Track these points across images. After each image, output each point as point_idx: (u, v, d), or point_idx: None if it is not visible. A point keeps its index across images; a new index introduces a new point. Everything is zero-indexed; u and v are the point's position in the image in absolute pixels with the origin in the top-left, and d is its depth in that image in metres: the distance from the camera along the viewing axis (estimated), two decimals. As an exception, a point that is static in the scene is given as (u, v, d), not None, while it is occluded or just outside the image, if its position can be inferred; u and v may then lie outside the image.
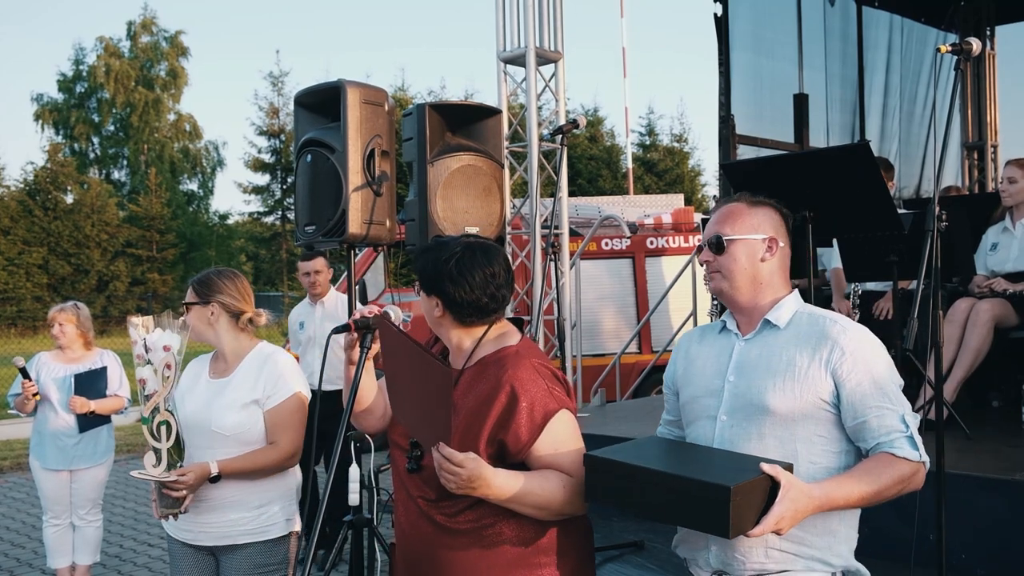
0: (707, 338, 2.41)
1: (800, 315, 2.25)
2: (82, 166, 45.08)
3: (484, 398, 2.25)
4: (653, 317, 9.21)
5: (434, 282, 2.34)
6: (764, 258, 2.27)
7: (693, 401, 2.34)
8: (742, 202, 2.34)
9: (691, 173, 34.49)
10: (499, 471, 2.17)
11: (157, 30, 49.46)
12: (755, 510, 1.94)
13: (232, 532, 3.10)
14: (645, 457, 2.16)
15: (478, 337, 2.36)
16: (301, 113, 4.60)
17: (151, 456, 2.94)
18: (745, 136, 7.01)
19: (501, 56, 6.89)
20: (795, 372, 2.15)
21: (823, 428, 2.15)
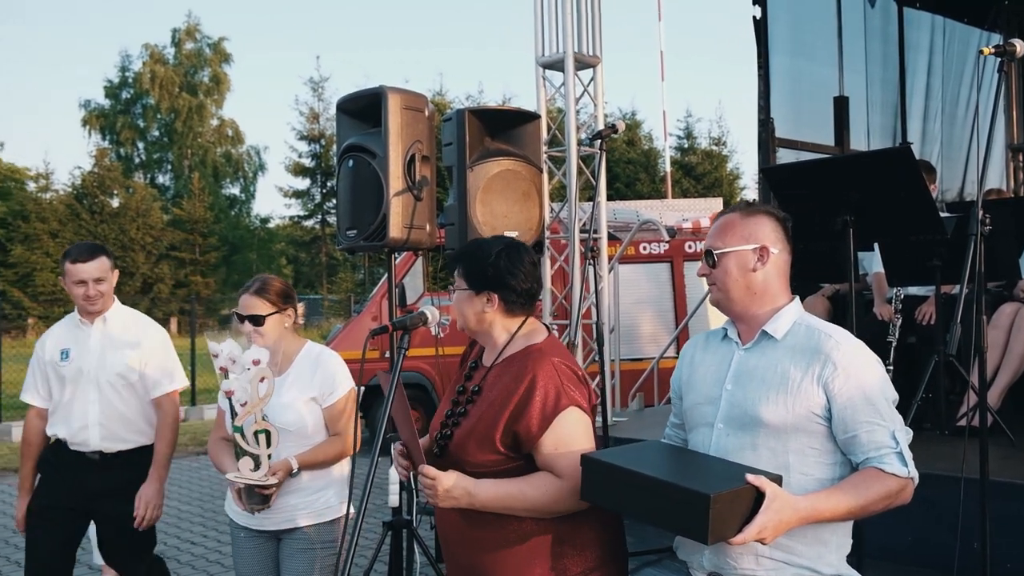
0: (710, 345, 2.44)
1: (798, 326, 2.27)
2: (128, 171, 45.84)
3: (505, 391, 2.37)
4: (691, 321, 9.17)
5: (488, 278, 2.46)
6: (755, 268, 2.29)
7: (693, 408, 2.38)
8: (736, 212, 2.37)
9: (729, 176, 34.23)
10: (482, 481, 2.32)
11: (201, 37, 50.26)
12: (738, 518, 1.97)
13: (294, 515, 3.35)
14: (640, 461, 2.22)
15: (512, 331, 2.49)
16: (343, 119, 4.66)
17: (248, 461, 3.14)
18: (784, 139, 6.96)
19: (540, 61, 6.91)
20: (788, 385, 2.18)
21: (816, 441, 2.17)
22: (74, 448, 3.95)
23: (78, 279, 3.89)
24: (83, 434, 3.93)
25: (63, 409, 3.97)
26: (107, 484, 3.92)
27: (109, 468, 3.94)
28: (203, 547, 6.56)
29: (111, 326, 4.03)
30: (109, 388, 3.95)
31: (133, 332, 4.07)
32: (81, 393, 3.93)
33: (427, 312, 2.73)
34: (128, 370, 3.97)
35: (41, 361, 4.04)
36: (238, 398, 3.09)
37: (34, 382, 4.06)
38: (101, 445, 3.93)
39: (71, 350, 3.98)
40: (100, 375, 3.94)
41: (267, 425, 3.14)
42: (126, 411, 3.98)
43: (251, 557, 3.43)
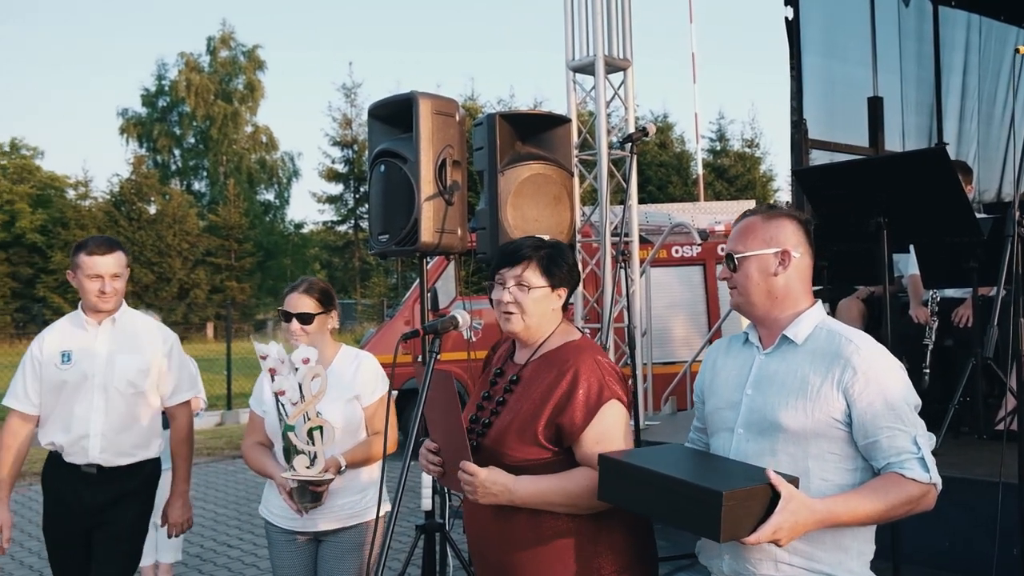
0: (732, 350, 2.43)
1: (819, 331, 2.25)
2: (164, 178, 46.48)
3: (548, 386, 2.39)
4: (724, 324, 9.11)
5: (566, 276, 2.52)
6: (776, 272, 2.26)
7: (715, 412, 2.37)
8: (757, 215, 2.34)
9: (763, 179, 34.01)
10: (521, 478, 2.34)
11: (235, 45, 50.85)
12: (752, 518, 1.96)
13: (340, 515, 3.39)
14: (657, 461, 2.21)
15: (552, 329, 2.52)
16: (375, 124, 4.69)
17: (303, 459, 3.17)
18: (818, 141, 6.90)
19: (570, 65, 6.92)
20: (808, 391, 2.16)
21: (836, 446, 2.15)
22: (69, 460, 3.63)
23: (94, 273, 3.59)
24: (82, 443, 3.61)
25: (61, 416, 3.64)
26: (105, 497, 3.64)
27: (108, 482, 3.65)
28: (239, 550, 6.62)
29: (121, 328, 3.73)
30: (117, 395, 3.65)
31: (145, 335, 3.78)
32: (84, 399, 3.61)
33: (458, 316, 2.74)
34: (140, 376, 3.69)
35: (36, 362, 3.66)
36: (289, 398, 3.13)
37: (23, 386, 3.66)
38: (100, 458, 3.62)
39: (73, 352, 3.64)
40: (108, 381, 3.63)
41: (321, 421, 3.18)
42: (133, 422, 3.68)
43: (292, 560, 3.45)
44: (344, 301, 37.91)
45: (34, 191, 41.35)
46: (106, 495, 3.65)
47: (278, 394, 3.15)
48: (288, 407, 3.14)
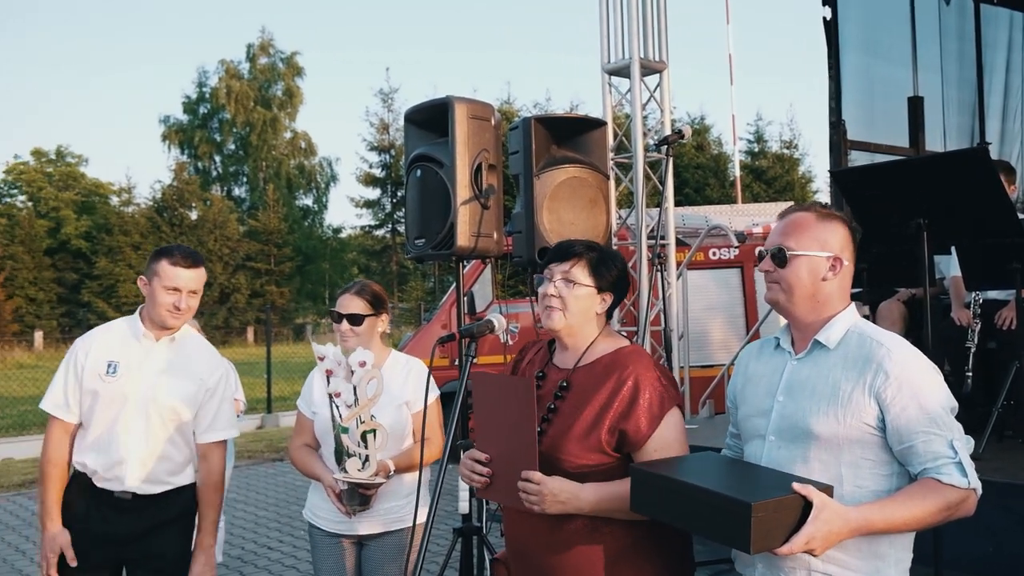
0: (763, 354, 2.39)
1: (851, 335, 2.20)
2: (205, 184, 47.12)
3: (610, 392, 2.38)
4: (763, 327, 9.03)
5: (615, 281, 2.52)
6: (826, 277, 2.21)
7: (746, 420, 2.34)
8: (811, 212, 2.27)
9: (801, 180, 33.67)
10: (586, 486, 2.32)
11: (274, 52, 51.42)
12: (785, 528, 1.92)
13: (386, 519, 3.39)
14: (687, 471, 2.19)
15: (595, 335, 2.52)
16: (411, 129, 4.71)
17: (355, 461, 3.19)
18: (857, 142, 6.84)
19: (605, 68, 6.91)
20: (839, 397, 2.11)
21: (870, 452, 2.10)
22: (102, 485, 3.26)
23: (172, 285, 3.27)
24: (118, 469, 3.24)
25: (97, 435, 3.27)
26: (137, 528, 3.27)
27: (142, 509, 3.28)
28: (279, 552, 6.69)
29: (177, 349, 3.40)
30: (158, 421, 3.29)
31: (199, 361, 3.43)
32: (123, 420, 3.26)
33: (494, 320, 2.75)
34: (184, 404, 3.33)
35: (78, 367, 3.30)
36: (344, 400, 3.16)
37: (64, 391, 3.30)
38: (137, 487, 3.26)
39: (120, 365, 3.29)
40: (150, 404, 3.28)
41: (375, 424, 3.20)
42: (171, 449, 3.33)
43: (335, 563, 3.46)
44: (382, 305, 38.08)
45: (79, 198, 42.18)
46: (141, 524, 3.28)
47: (333, 396, 3.16)
48: (343, 409, 3.16)
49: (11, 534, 7.31)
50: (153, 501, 3.30)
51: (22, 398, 16.39)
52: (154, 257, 3.38)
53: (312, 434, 3.51)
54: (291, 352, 23.68)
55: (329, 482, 3.31)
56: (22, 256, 36.02)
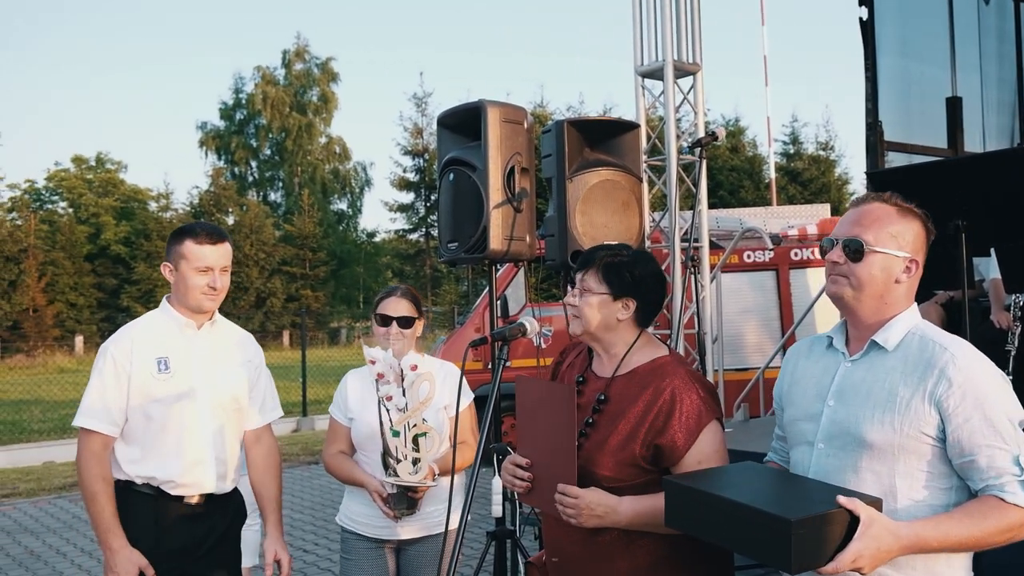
0: (814, 354, 2.25)
1: (911, 337, 2.05)
2: (241, 189, 47.62)
3: (646, 405, 2.33)
4: (799, 330, 8.95)
5: (631, 285, 2.43)
6: (899, 279, 2.07)
7: (793, 423, 2.20)
8: (890, 205, 2.10)
9: (838, 182, 33.34)
10: (624, 499, 2.29)
11: (309, 57, 51.83)
12: (830, 545, 1.82)
13: (428, 523, 3.39)
14: (725, 484, 2.07)
15: (631, 342, 2.46)
16: (444, 133, 4.74)
17: (407, 465, 3.19)
18: (894, 143, 6.76)
19: (639, 70, 6.90)
20: (896, 403, 1.97)
21: (927, 463, 1.96)
22: (176, 492, 3.03)
23: (203, 265, 3.03)
24: (195, 472, 3.04)
25: (165, 440, 3.01)
26: (197, 538, 3.08)
27: (206, 517, 3.10)
28: (315, 555, 6.73)
29: (220, 333, 3.21)
30: (222, 412, 3.13)
31: (241, 342, 3.28)
32: (191, 419, 3.05)
33: (526, 323, 2.75)
34: (243, 391, 3.20)
35: (122, 371, 3.00)
36: (395, 403, 3.17)
37: (103, 401, 3.00)
38: (215, 486, 3.09)
39: (170, 359, 3.05)
40: (212, 395, 3.10)
41: (426, 428, 3.22)
42: (236, 442, 3.20)
43: (372, 568, 3.45)
44: (416, 309, 38.20)
45: (118, 204, 42.79)
46: (199, 535, 3.09)
47: (385, 399, 3.17)
48: (394, 413, 3.17)
49: (52, 536, 7.42)
50: (219, 503, 3.14)
51: (63, 402, 16.65)
52: (175, 238, 3.09)
53: (347, 440, 3.50)
54: (326, 356, 23.84)
55: (376, 487, 3.30)
56: (63, 262, 36.60)
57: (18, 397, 18.29)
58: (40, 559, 6.72)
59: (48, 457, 11.24)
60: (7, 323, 31.43)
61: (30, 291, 32.94)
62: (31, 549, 7.01)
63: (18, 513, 8.33)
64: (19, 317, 32.28)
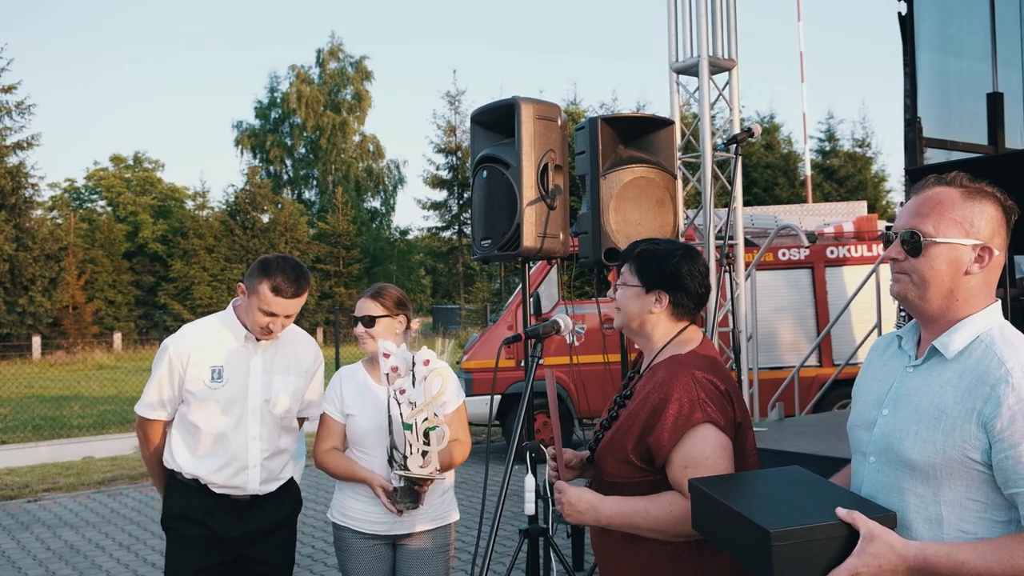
0: (887, 353, 2.02)
1: (978, 343, 1.78)
2: (276, 187, 48.03)
3: (644, 401, 2.27)
4: (835, 329, 8.88)
5: (662, 277, 2.38)
6: (970, 271, 1.80)
7: (852, 429, 2.00)
8: (955, 188, 1.84)
9: (874, 179, 32.98)
10: (608, 498, 2.27)
11: (344, 56, 52.15)
12: (823, 560, 1.68)
13: (423, 518, 3.39)
14: (744, 489, 1.93)
15: (669, 338, 2.40)
16: (477, 130, 4.73)
17: (417, 458, 3.20)
18: (933, 139, 6.66)
19: (673, 67, 6.85)
20: (942, 420, 1.74)
21: (978, 492, 1.72)
22: (220, 492, 3.23)
23: (272, 311, 3.15)
24: (242, 476, 3.23)
25: (212, 444, 3.21)
26: (252, 526, 3.29)
27: (260, 508, 3.31)
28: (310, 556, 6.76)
29: (280, 345, 3.35)
30: (271, 420, 3.29)
31: (301, 354, 3.43)
32: (241, 426, 3.22)
33: (560, 320, 2.75)
34: (294, 401, 3.35)
35: (176, 374, 3.19)
36: (408, 397, 3.18)
37: (160, 397, 3.23)
38: (259, 488, 3.27)
39: (225, 369, 3.21)
40: (263, 406, 3.26)
41: (438, 421, 3.23)
42: (284, 445, 3.38)
43: (370, 564, 3.44)
44: (448, 306, 38.37)
45: (155, 202, 43.37)
46: (257, 524, 3.30)
47: (398, 393, 3.18)
48: (406, 407, 3.18)
49: (91, 530, 7.53)
50: (269, 499, 3.33)
51: (102, 398, 16.91)
52: (258, 273, 3.17)
53: (341, 437, 3.47)
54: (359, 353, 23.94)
55: (380, 482, 3.30)
56: (102, 260, 37.13)
57: (58, 393, 18.57)
58: (79, 553, 6.82)
59: (88, 452, 11.40)
60: (48, 320, 31.93)
61: (70, 289, 33.44)
62: (71, 543, 7.11)
63: (58, 507, 8.46)
64: (59, 314, 32.78)
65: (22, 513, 8.18)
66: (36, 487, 9.32)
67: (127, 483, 9.56)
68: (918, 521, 1.76)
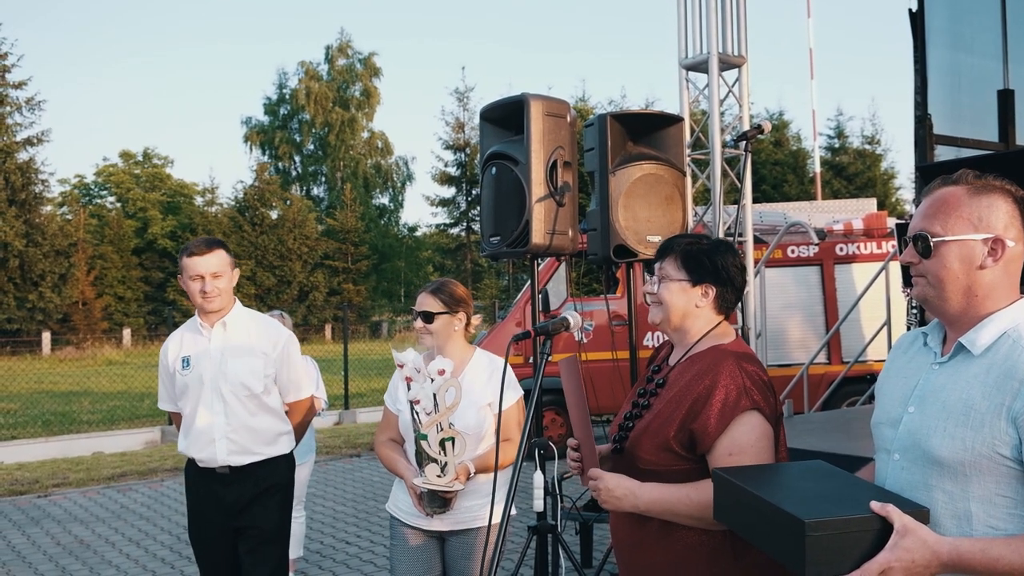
0: (911, 350, 2.01)
1: (1005, 339, 1.78)
2: (285, 183, 48.11)
3: (686, 388, 2.28)
4: (844, 326, 8.86)
5: (712, 271, 2.39)
6: (984, 265, 1.79)
7: (876, 426, 2.00)
8: (961, 186, 1.84)
9: (884, 176, 32.86)
10: (647, 484, 2.25)
11: (352, 53, 52.21)
12: (855, 552, 1.67)
13: (466, 517, 3.41)
14: (771, 480, 1.94)
15: (706, 331, 2.40)
16: (486, 127, 4.73)
17: (434, 468, 3.21)
18: (943, 136, 6.62)
19: (683, 63, 6.84)
20: (970, 416, 1.74)
21: (1007, 487, 1.71)
22: (203, 465, 3.71)
23: (194, 273, 3.59)
24: (210, 449, 3.67)
25: (189, 422, 3.71)
26: (243, 494, 3.70)
27: (243, 480, 3.70)
28: (356, 547, 6.78)
29: (232, 331, 3.73)
30: (233, 398, 3.66)
31: (256, 337, 3.75)
32: (205, 404, 3.66)
33: (569, 317, 2.74)
34: (252, 378, 3.68)
35: (165, 370, 3.79)
36: (423, 407, 3.17)
37: (165, 390, 3.86)
38: (229, 459, 3.67)
39: (191, 357, 3.70)
40: (222, 385, 3.65)
41: (453, 432, 3.22)
42: (254, 423, 3.71)
43: (415, 556, 3.49)
44: (457, 303, 38.25)
45: (165, 198, 43.52)
46: (244, 492, 3.70)
47: (413, 403, 3.19)
48: (422, 416, 3.18)
49: (101, 526, 7.56)
50: (250, 472, 3.70)
51: (112, 393, 16.98)
52: (179, 255, 3.73)
53: (397, 429, 3.55)
54: (367, 349, 24.02)
55: (411, 483, 3.35)
56: (111, 255, 37.27)
57: (68, 389, 18.66)
58: (90, 548, 6.85)
59: (97, 448, 11.45)
60: (57, 316, 32.08)
61: (79, 284, 33.59)
62: (80, 538, 7.14)
63: (68, 503, 8.50)
64: (69, 310, 32.93)
65: (32, 508, 8.22)
66: (46, 482, 9.37)
67: (136, 479, 9.60)
68: (946, 518, 1.76)
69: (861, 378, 8.86)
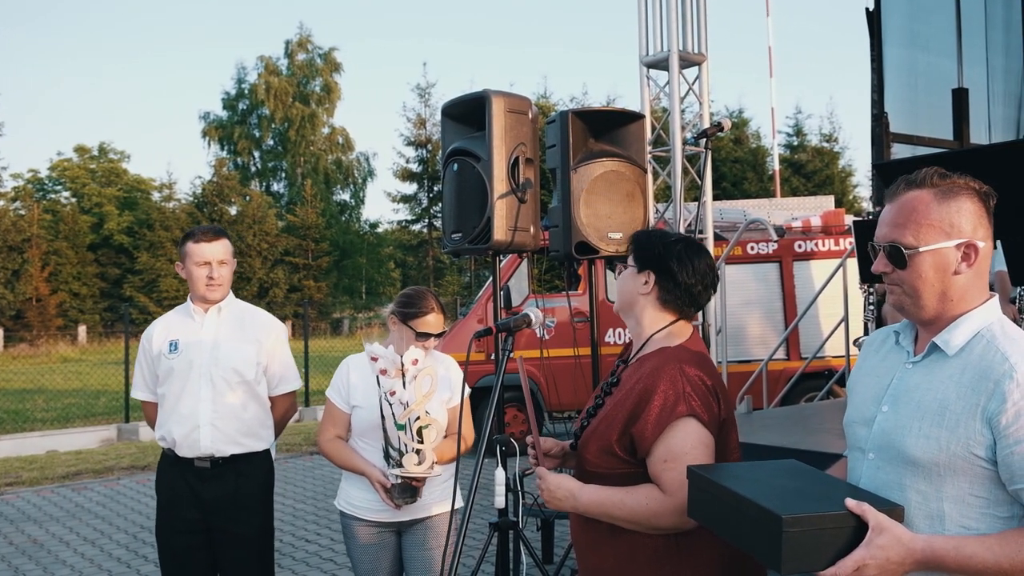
0: (883, 348, 2.01)
1: (979, 339, 1.78)
2: (244, 179, 47.61)
3: (628, 391, 2.25)
4: (802, 323, 8.96)
5: (652, 257, 2.36)
6: (959, 270, 1.79)
7: (849, 425, 2.00)
8: (926, 189, 1.82)
9: (842, 174, 33.29)
10: (587, 486, 2.25)
11: (312, 48, 51.73)
12: (830, 549, 1.68)
13: (427, 502, 3.45)
14: (746, 477, 1.93)
15: (658, 327, 2.35)
16: (448, 123, 4.71)
17: (412, 456, 3.25)
18: (900, 134, 6.73)
19: (644, 61, 6.87)
20: (945, 416, 1.74)
21: (980, 487, 1.72)
22: (183, 454, 3.60)
23: (202, 260, 3.60)
24: (194, 435, 3.57)
25: (171, 408, 3.61)
26: (221, 492, 3.60)
27: (221, 476, 3.61)
28: (317, 544, 6.74)
29: (227, 317, 3.71)
30: (224, 384, 3.60)
31: (252, 325, 3.75)
32: (192, 389, 3.59)
33: (531, 314, 2.75)
34: (245, 365, 3.64)
35: (148, 355, 3.71)
36: (399, 398, 3.21)
37: (143, 378, 3.76)
38: (212, 448, 3.57)
39: (179, 341, 3.64)
40: (213, 370, 3.59)
41: (430, 420, 3.26)
42: (241, 411, 3.63)
43: (376, 551, 3.51)
44: (418, 300, 38.10)
45: (121, 194, 42.87)
46: (222, 490, 3.60)
47: (388, 395, 3.22)
48: (397, 407, 3.21)
49: (55, 525, 7.44)
50: (231, 465, 3.62)
51: (66, 391, 16.70)
52: (182, 241, 3.73)
53: (345, 426, 3.54)
54: (328, 346, 23.88)
55: (378, 478, 3.36)
56: (66, 251, 36.64)
57: (21, 386, 18.32)
58: (43, 547, 6.73)
59: (51, 446, 11.26)
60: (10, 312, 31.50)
61: (33, 280, 33.00)
62: (34, 537, 7.02)
63: (21, 502, 8.35)
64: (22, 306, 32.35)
65: (-16, 509, 8.07)
66: (-1, 482, 9.20)
67: (91, 477, 9.45)
68: (919, 517, 1.77)
69: (819, 374, 8.98)
